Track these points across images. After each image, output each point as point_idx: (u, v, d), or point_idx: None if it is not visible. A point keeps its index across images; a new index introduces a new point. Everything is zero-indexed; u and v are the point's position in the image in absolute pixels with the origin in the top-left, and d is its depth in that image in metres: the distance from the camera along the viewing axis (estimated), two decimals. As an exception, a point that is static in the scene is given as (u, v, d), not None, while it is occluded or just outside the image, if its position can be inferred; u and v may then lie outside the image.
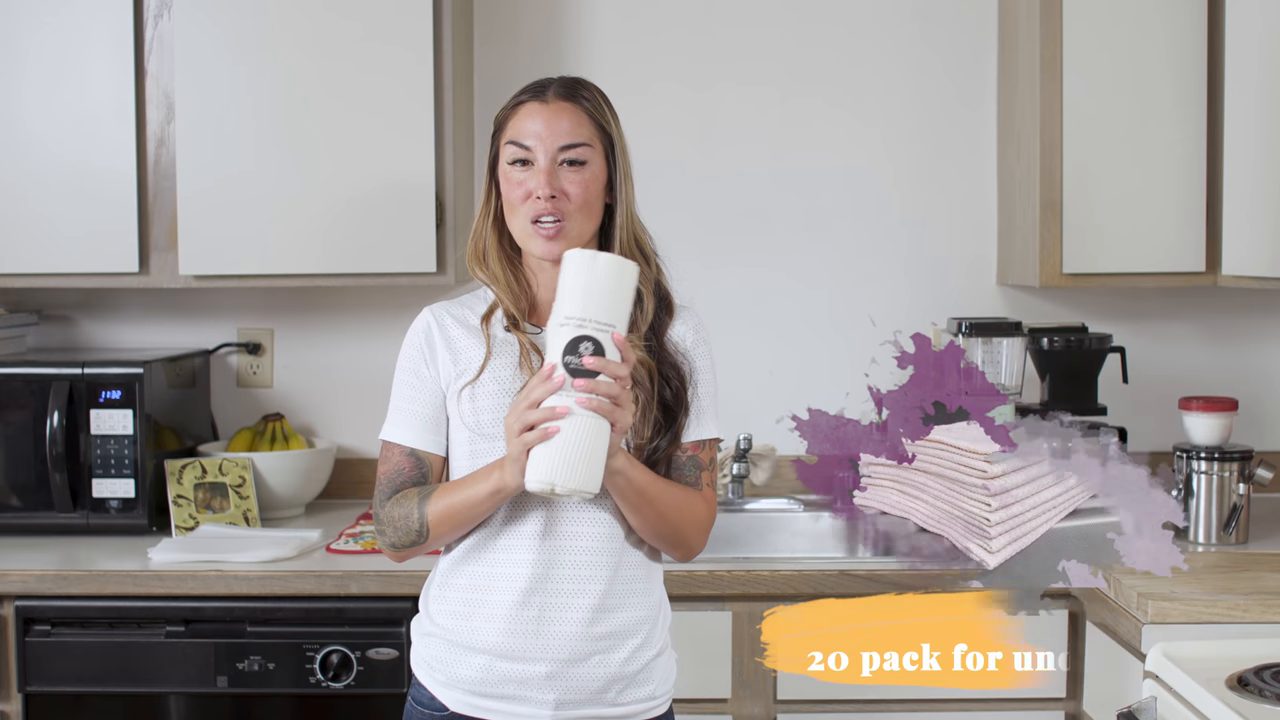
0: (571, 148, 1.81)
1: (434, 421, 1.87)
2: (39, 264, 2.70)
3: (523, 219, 1.81)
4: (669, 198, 2.95)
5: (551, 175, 1.79)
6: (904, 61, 3.01)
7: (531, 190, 1.80)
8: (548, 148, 1.80)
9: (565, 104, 1.82)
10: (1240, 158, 2.53)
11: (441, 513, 1.80)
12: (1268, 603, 2.07)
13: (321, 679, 2.37)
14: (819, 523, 2.89)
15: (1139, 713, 1.96)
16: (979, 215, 3.02)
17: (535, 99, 1.83)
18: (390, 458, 1.88)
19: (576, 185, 1.80)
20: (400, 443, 1.87)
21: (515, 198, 1.82)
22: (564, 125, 1.81)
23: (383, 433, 1.89)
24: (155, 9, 2.68)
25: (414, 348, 1.89)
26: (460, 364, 1.85)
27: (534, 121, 1.81)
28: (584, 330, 1.66)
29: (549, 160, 1.80)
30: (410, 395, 1.88)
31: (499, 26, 3.00)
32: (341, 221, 2.66)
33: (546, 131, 1.80)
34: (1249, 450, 2.57)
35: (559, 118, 1.81)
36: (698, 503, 1.87)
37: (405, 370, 1.89)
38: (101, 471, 2.64)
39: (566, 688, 1.79)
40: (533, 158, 1.80)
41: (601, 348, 1.67)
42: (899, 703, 2.40)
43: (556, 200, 1.79)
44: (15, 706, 2.41)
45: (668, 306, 1.89)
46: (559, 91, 1.84)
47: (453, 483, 1.82)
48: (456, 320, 1.88)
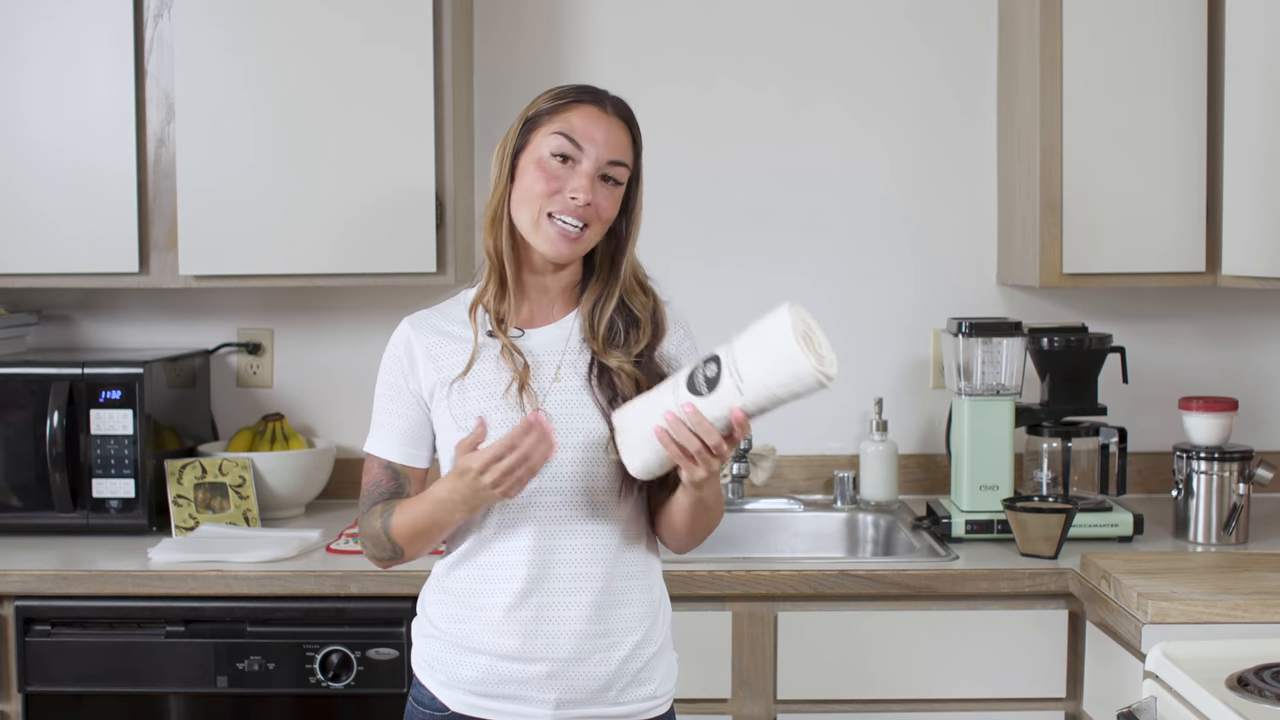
0: (617, 165, 1.81)
1: (412, 435, 1.87)
2: (39, 264, 2.70)
3: (539, 209, 1.79)
4: (669, 197, 2.95)
5: (594, 180, 1.79)
6: (904, 61, 3.01)
7: (569, 189, 1.78)
8: (599, 156, 1.80)
9: (622, 122, 1.84)
10: (1240, 158, 2.53)
11: (406, 532, 1.81)
12: (1268, 603, 2.06)
13: (321, 679, 2.37)
14: (819, 523, 2.89)
15: (1139, 713, 1.96)
16: (979, 215, 3.02)
17: (595, 104, 1.83)
18: (370, 470, 1.89)
19: (608, 202, 1.81)
20: (379, 455, 1.88)
21: (542, 189, 1.79)
22: (619, 140, 1.82)
23: (365, 444, 1.90)
24: (155, 9, 2.68)
25: (394, 360, 1.89)
26: (443, 370, 1.84)
27: (594, 126, 1.80)
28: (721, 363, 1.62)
29: (595, 167, 1.80)
30: (389, 409, 1.88)
31: (499, 26, 3.00)
32: (342, 221, 2.66)
33: (603, 138, 1.80)
34: (1249, 450, 2.57)
35: (617, 133, 1.82)
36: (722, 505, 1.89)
37: (385, 384, 1.89)
38: (101, 471, 2.64)
39: (567, 687, 1.79)
40: (580, 158, 1.80)
41: (718, 385, 1.61)
42: (899, 702, 2.39)
43: (589, 208, 1.79)
44: (15, 706, 2.41)
45: (660, 329, 1.90)
46: (618, 107, 1.85)
47: (414, 501, 1.81)
48: (435, 328, 1.88)
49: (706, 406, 1.63)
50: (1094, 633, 2.33)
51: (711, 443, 1.65)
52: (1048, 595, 2.38)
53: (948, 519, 2.60)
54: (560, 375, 1.82)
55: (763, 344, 1.61)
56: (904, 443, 3.00)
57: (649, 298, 1.89)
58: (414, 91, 2.65)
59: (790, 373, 1.59)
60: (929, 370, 3.03)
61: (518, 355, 1.81)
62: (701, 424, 1.65)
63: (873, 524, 2.86)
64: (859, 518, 2.88)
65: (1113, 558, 2.33)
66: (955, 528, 2.59)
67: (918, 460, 3.02)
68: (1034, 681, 2.39)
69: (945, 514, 2.63)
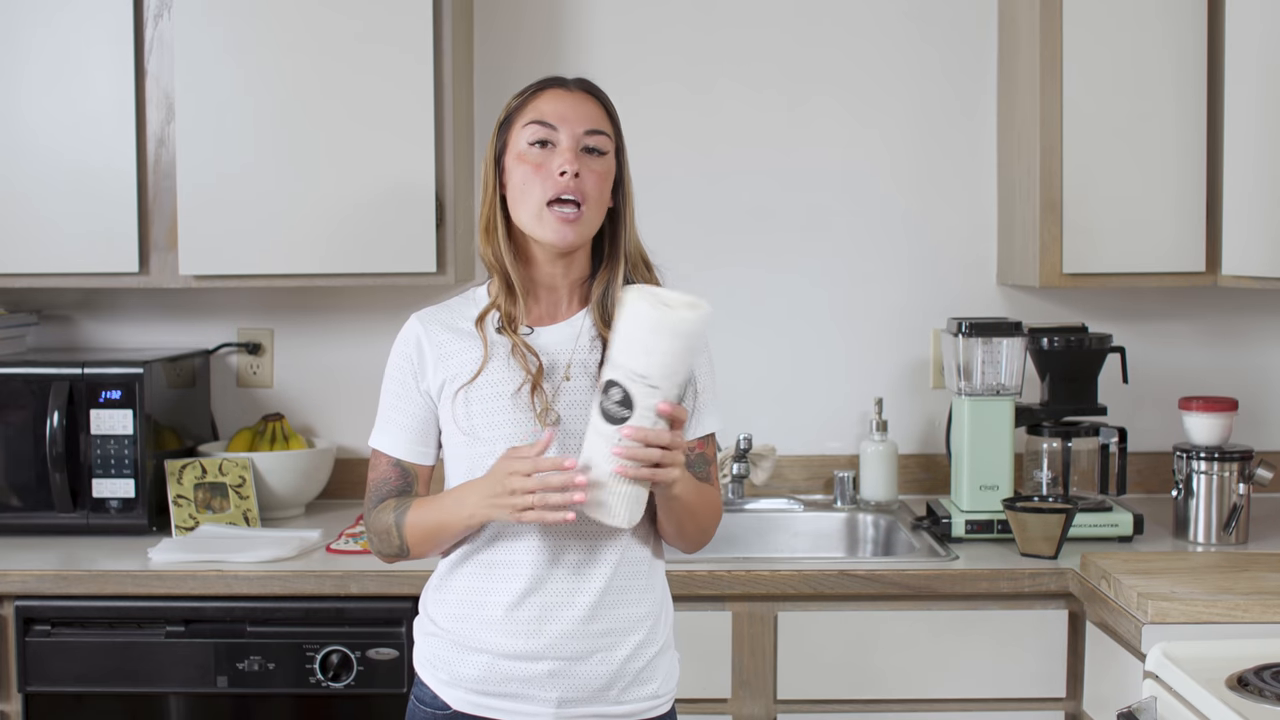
0: (595, 134, 1.80)
1: (420, 433, 1.87)
2: (39, 264, 2.70)
3: (537, 202, 1.78)
4: (669, 197, 2.95)
5: (576, 154, 1.79)
6: (904, 61, 3.01)
7: (554, 168, 1.77)
8: (573, 129, 1.79)
9: (589, 95, 1.84)
10: (1240, 158, 2.53)
11: (418, 533, 1.82)
12: (1268, 603, 2.06)
13: (321, 679, 2.37)
14: (819, 523, 2.89)
15: (1139, 713, 1.96)
16: (979, 215, 3.02)
17: (559, 86, 1.84)
18: (378, 465, 1.89)
19: (595, 174, 1.80)
20: (387, 452, 1.88)
21: (530, 180, 1.79)
22: (590, 111, 1.82)
23: (371, 439, 1.90)
24: (155, 9, 2.68)
25: (402, 358, 1.88)
26: (451, 368, 1.83)
27: (560, 104, 1.81)
28: (615, 375, 1.63)
29: (573, 140, 1.79)
30: (397, 405, 1.87)
31: (499, 26, 3.00)
32: (341, 221, 2.66)
33: (573, 113, 1.80)
34: (1249, 450, 2.57)
35: (584, 104, 1.82)
36: (717, 499, 1.89)
37: (393, 380, 1.89)
38: (101, 471, 2.64)
39: (569, 685, 1.79)
40: (556, 138, 1.79)
41: (631, 400, 1.62)
42: (899, 702, 2.40)
43: (579, 180, 1.78)
44: (15, 706, 2.41)
45: None
46: (582, 84, 1.85)
47: (429, 502, 1.82)
48: (444, 325, 1.87)
49: (639, 421, 1.65)
50: (1094, 633, 2.33)
51: (666, 441, 1.66)
52: (1048, 595, 2.38)
53: (948, 519, 2.60)
54: (570, 374, 1.81)
55: (635, 335, 1.63)
56: (904, 443, 3.00)
57: (652, 275, 1.88)
58: (414, 91, 2.65)
59: (670, 333, 1.62)
60: (929, 370, 3.03)
61: (532, 356, 1.80)
62: (648, 434, 1.65)
63: (873, 524, 2.86)
64: (859, 518, 2.88)
65: (1113, 558, 2.33)
66: (955, 528, 2.59)
67: (918, 460, 3.02)
68: (1034, 681, 2.39)
69: (945, 514, 2.63)
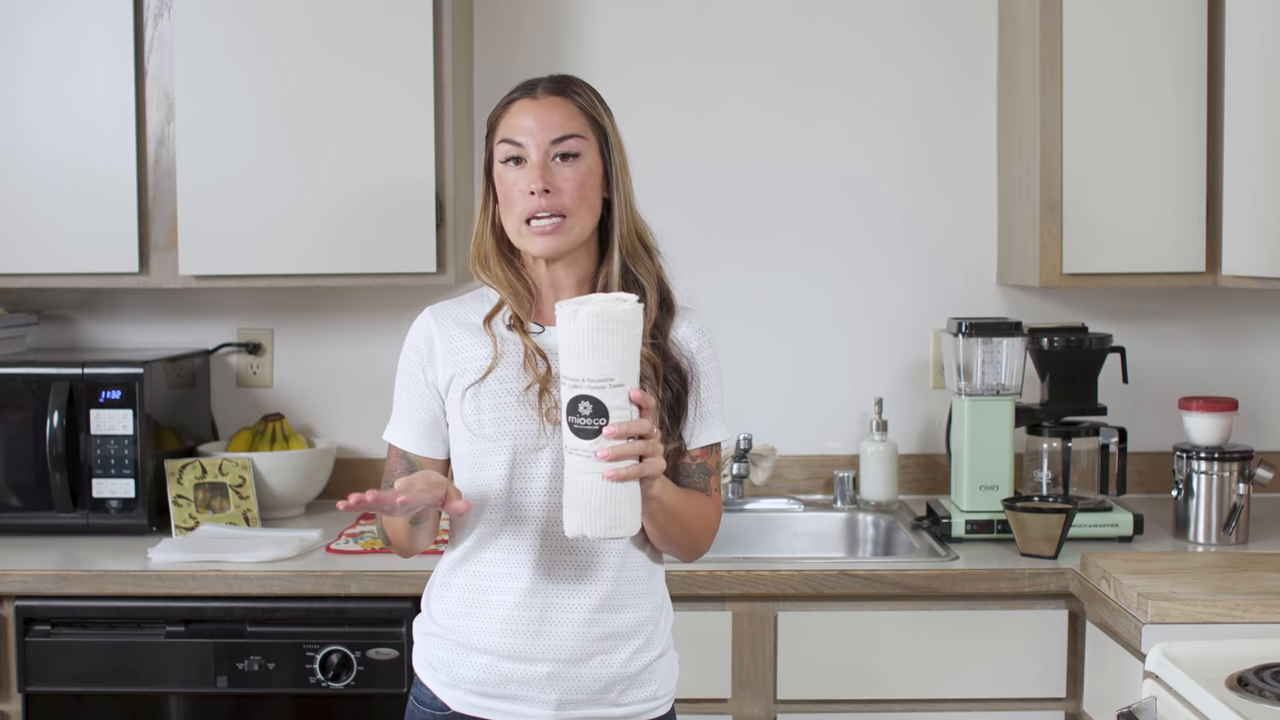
0: (564, 140, 1.79)
1: (429, 426, 1.87)
2: (39, 264, 2.70)
3: (516, 219, 1.80)
4: (668, 197, 2.95)
5: (544, 170, 1.78)
6: (904, 61, 3.01)
7: (525, 187, 1.78)
8: (539, 142, 1.79)
9: (556, 98, 1.82)
10: (1240, 158, 2.53)
11: (388, 529, 1.84)
12: (1268, 603, 2.06)
13: (321, 679, 2.37)
14: (819, 523, 2.89)
15: (1139, 713, 1.96)
16: (979, 215, 3.02)
17: (525, 96, 1.83)
18: (389, 458, 1.91)
19: (570, 180, 1.78)
20: (396, 444, 1.89)
21: (510, 197, 1.80)
22: (555, 118, 1.80)
23: (385, 432, 1.91)
24: (155, 9, 2.68)
25: (414, 350, 1.88)
26: (461, 364, 1.84)
27: (525, 118, 1.80)
28: (579, 390, 1.61)
29: (541, 155, 1.79)
30: (407, 399, 1.88)
31: (499, 26, 3.00)
32: (342, 221, 2.66)
33: (537, 126, 1.79)
34: (1249, 450, 2.57)
35: (550, 111, 1.80)
36: (711, 509, 1.87)
37: (404, 374, 1.89)
38: (101, 471, 2.64)
39: (568, 688, 1.79)
40: (525, 154, 1.79)
41: (603, 407, 1.61)
42: (899, 702, 2.40)
43: (551, 196, 1.77)
44: (15, 706, 2.41)
45: (668, 305, 1.88)
46: (548, 87, 1.83)
47: None
48: (457, 320, 1.87)
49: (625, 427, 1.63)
50: (1094, 633, 2.33)
51: (646, 430, 1.62)
52: (1048, 595, 2.38)
53: (948, 519, 2.60)
54: None
55: (582, 344, 1.61)
56: (904, 443, 3.00)
57: (654, 263, 1.86)
58: (414, 91, 2.65)
59: (616, 324, 1.61)
60: (929, 370, 3.03)
61: (540, 360, 1.80)
62: (630, 426, 1.61)
63: (873, 524, 2.86)
64: (859, 518, 2.88)
65: (1113, 558, 2.33)
66: (955, 528, 2.59)
67: (918, 460, 3.02)
68: (1034, 681, 2.39)
69: (945, 514, 2.63)
